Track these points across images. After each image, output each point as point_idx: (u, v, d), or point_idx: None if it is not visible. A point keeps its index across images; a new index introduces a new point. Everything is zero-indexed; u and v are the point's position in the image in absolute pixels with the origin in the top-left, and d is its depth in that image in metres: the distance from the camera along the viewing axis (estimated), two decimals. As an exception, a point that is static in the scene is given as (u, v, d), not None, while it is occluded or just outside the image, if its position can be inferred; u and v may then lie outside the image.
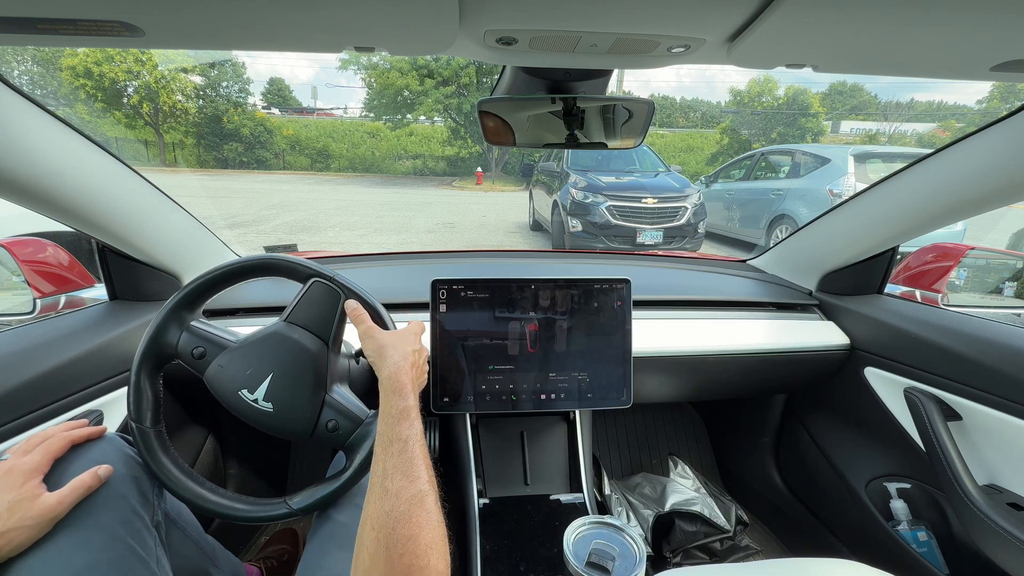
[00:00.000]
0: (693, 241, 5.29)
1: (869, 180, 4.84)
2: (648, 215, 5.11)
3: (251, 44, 0.57)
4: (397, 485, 0.49)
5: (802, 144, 7.25)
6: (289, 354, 0.68)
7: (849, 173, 4.99)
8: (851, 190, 4.82)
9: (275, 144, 21.28)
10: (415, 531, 0.46)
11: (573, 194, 5.33)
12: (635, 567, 0.69)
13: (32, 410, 0.72)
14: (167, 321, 0.69)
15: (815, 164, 5.47)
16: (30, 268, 1.14)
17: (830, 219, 1.17)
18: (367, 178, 19.28)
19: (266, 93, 26.77)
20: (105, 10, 0.45)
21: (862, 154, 5.19)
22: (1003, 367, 0.84)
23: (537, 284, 0.97)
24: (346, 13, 0.49)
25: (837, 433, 1.23)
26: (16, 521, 0.50)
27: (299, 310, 0.71)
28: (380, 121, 19.90)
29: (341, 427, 0.69)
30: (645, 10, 0.50)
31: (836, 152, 5.39)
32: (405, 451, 0.52)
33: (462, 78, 16.62)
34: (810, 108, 20.67)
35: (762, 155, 6.63)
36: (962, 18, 0.47)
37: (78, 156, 0.76)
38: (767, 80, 20.45)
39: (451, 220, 8.60)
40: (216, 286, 0.72)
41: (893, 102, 26.41)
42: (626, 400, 0.99)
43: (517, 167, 17.21)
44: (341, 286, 0.71)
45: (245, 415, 0.67)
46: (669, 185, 5.48)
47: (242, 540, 1.30)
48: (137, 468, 0.64)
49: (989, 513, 0.82)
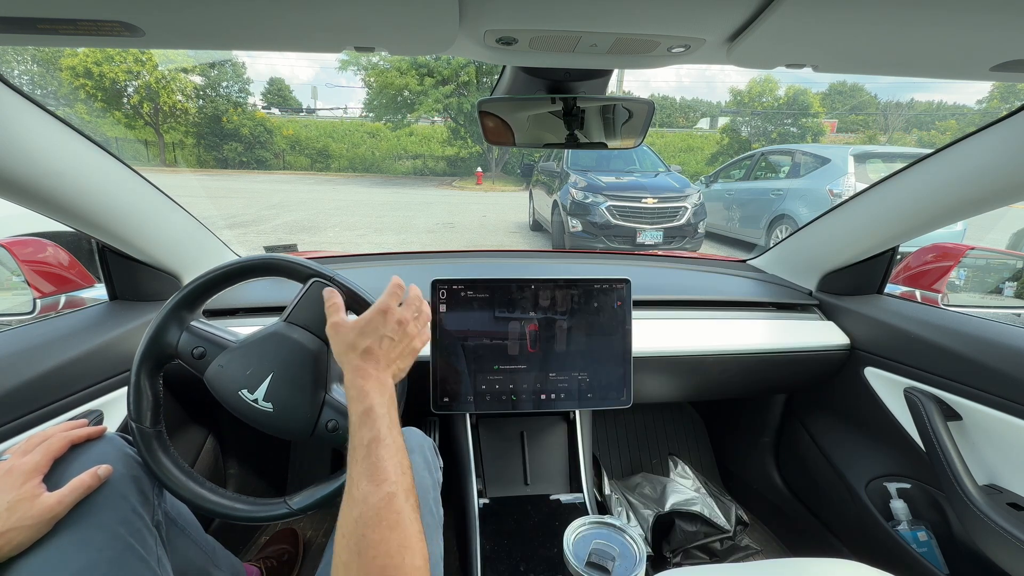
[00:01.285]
0: (693, 241, 5.29)
1: (869, 180, 4.86)
2: (648, 215, 5.11)
3: (251, 44, 0.57)
4: (364, 490, 0.49)
5: (802, 144, 7.37)
6: (289, 354, 0.68)
7: (849, 173, 5.00)
8: (851, 190, 4.81)
9: (275, 144, 21.32)
10: (385, 533, 0.46)
11: (573, 194, 5.34)
12: (635, 567, 0.69)
13: (32, 410, 0.72)
14: (167, 321, 0.69)
15: (815, 164, 5.47)
16: (30, 268, 1.14)
17: (830, 219, 1.17)
18: (367, 178, 19.34)
19: (266, 93, 26.79)
20: (105, 10, 0.45)
21: (862, 154, 5.20)
22: (1003, 367, 0.84)
23: (537, 284, 0.97)
24: (346, 13, 0.49)
25: (837, 433, 1.23)
26: (16, 521, 0.50)
27: (299, 310, 0.71)
28: (380, 121, 19.94)
29: (341, 427, 0.68)
30: (645, 10, 0.50)
31: (836, 152, 5.39)
32: (369, 455, 0.51)
33: (461, 77, 16.68)
34: (810, 108, 20.84)
35: (762, 155, 6.63)
36: (962, 18, 0.47)
37: (78, 156, 0.76)
38: (767, 80, 20.62)
39: (451, 220, 8.64)
40: (216, 286, 0.72)
41: (893, 102, 26.76)
42: (626, 400, 0.99)
43: (517, 167, 17.28)
44: (340, 286, 0.71)
45: (245, 415, 0.67)
46: (669, 185, 5.48)
47: (242, 540, 1.30)
48: (137, 468, 0.64)
49: (989, 513, 0.82)
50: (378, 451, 0.51)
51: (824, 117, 21.76)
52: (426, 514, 0.72)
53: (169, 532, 0.67)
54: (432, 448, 0.87)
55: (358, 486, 0.49)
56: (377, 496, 0.48)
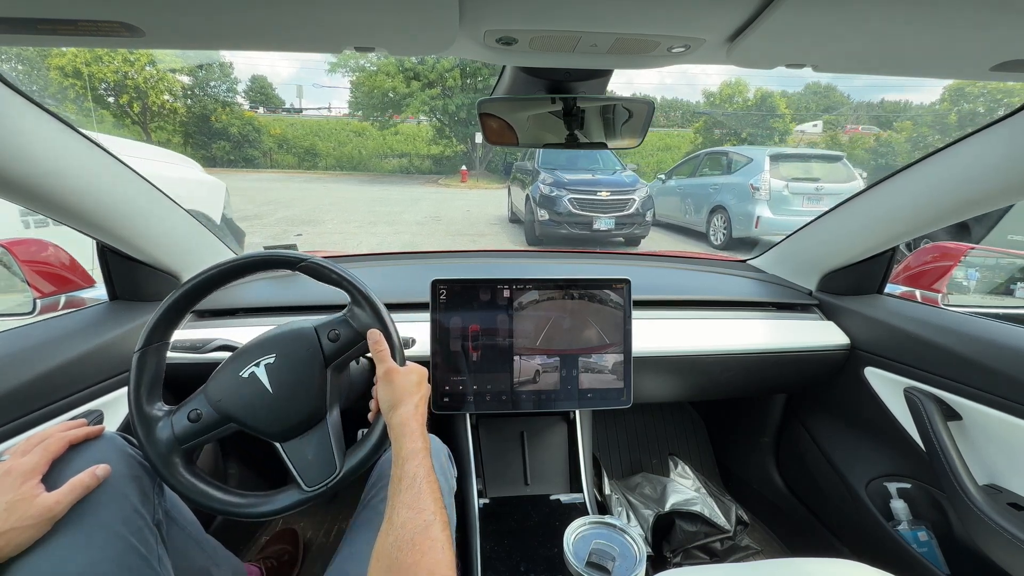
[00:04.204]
0: (642, 227, 6.29)
1: (781, 176, 6.00)
2: (602, 206, 6.06)
3: (251, 44, 0.57)
4: (403, 517, 0.53)
5: (734, 147, 8.56)
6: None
7: (765, 171, 5.98)
8: (766, 184, 5.94)
9: (263, 143, 21.49)
10: (418, 557, 0.48)
11: (542, 189, 6.21)
12: (635, 567, 0.69)
13: (32, 410, 0.72)
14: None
15: (743, 163, 6.49)
16: (30, 268, 1.13)
17: (830, 219, 1.17)
18: (355, 176, 19.62)
19: (248, 91, 26.60)
20: (105, 11, 0.45)
21: (776, 155, 6.23)
22: (1003, 367, 0.84)
23: (537, 284, 0.97)
24: (346, 14, 0.49)
25: (837, 433, 1.23)
26: (15, 521, 0.50)
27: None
28: (368, 121, 20.51)
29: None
30: (645, 10, 0.50)
31: (757, 153, 6.41)
32: (413, 487, 0.56)
33: (447, 81, 17.17)
34: (777, 110, 22.16)
35: (706, 155, 7.68)
36: (962, 18, 0.47)
37: (78, 156, 0.76)
38: (738, 83, 22.04)
39: (438, 214, 9.23)
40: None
41: (864, 102, 28.12)
42: (626, 400, 0.99)
43: (500, 165, 17.85)
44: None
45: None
46: (621, 181, 6.47)
47: (242, 539, 1.30)
48: (137, 467, 0.64)
49: (989, 513, 0.82)
50: (422, 484, 0.56)
51: (790, 118, 23.02)
52: None
53: (169, 531, 0.67)
54: (448, 455, 0.92)
55: (399, 512, 0.53)
56: (415, 523, 0.52)
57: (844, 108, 26.83)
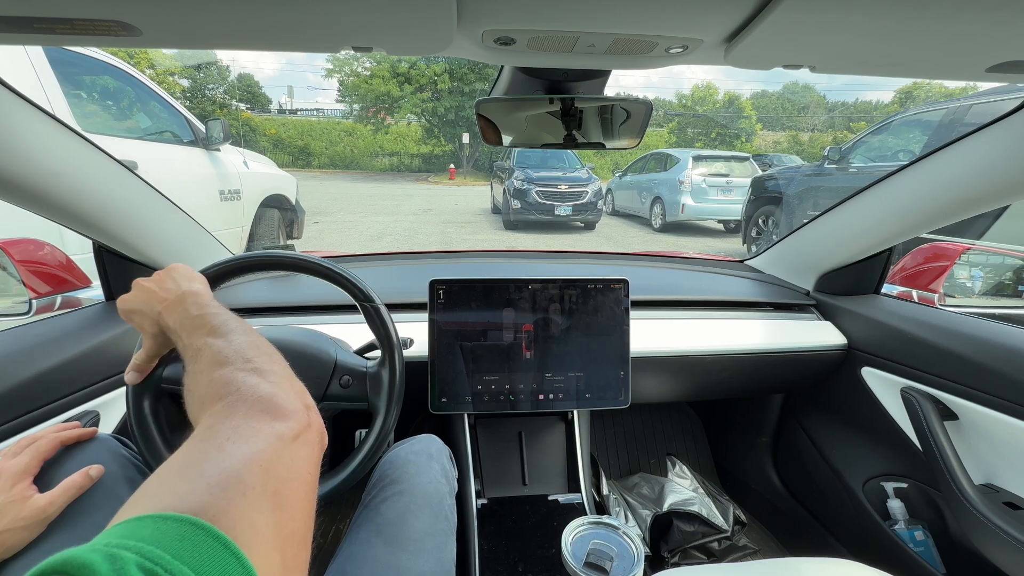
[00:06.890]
0: (594, 213, 7.89)
1: (700, 173, 7.56)
2: (561, 196, 7.68)
3: (249, 44, 0.57)
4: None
5: (667, 149, 10.11)
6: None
7: (688, 169, 7.57)
8: (688, 179, 7.50)
9: (258, 142, 21.83)
10: None
11: (515, 183, 7.79)
12: (633, 567, 0.69)
13: (27, 411, 0.71)
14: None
15: (675, 162, 8.06)
16: (26, 268, 1.13)
17: (827, 219, 1.18)
18: (348, 175, 20.40)
19: (235, 89, 26.62)
20: (103, 10, 0.45)
21: (697, 156, 7.87)
22: (1000, 367, 0.84)
23: (535, 284, 0.97)
24: (344, 13, 0.49)
25: (834, 433, 1.24)
26: (7, 523, 0.50)
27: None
28: (361, 122, 21.61)
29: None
30: (643, 11, 0.50)
31: (683, 154, 8.04)
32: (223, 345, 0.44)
33: (438, 85, 18.39)
34: (743, 111, 24.15)
35: (651, 156, 9.27)
36: (959, 19, 0.47)
37: (74, 156, 0.75)
38: (708, 86, 24.46)
39: (430, 207, 10.74)
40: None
41: (840, 102, 30.21)
42: (624, 400, 0.99)
43: (486, 164, 18.75)
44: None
45: None
46: (579, 177, 8.02)
47: None
48: (131, 468, 0.63)
49: (985, 512, 0.82)
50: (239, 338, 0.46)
51: (755, 119, 24.96)
52: (441, 519, 0.73)
53: None
54: (449, 457, 0.90)
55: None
56: None
57: (818, 108, 28.81)
